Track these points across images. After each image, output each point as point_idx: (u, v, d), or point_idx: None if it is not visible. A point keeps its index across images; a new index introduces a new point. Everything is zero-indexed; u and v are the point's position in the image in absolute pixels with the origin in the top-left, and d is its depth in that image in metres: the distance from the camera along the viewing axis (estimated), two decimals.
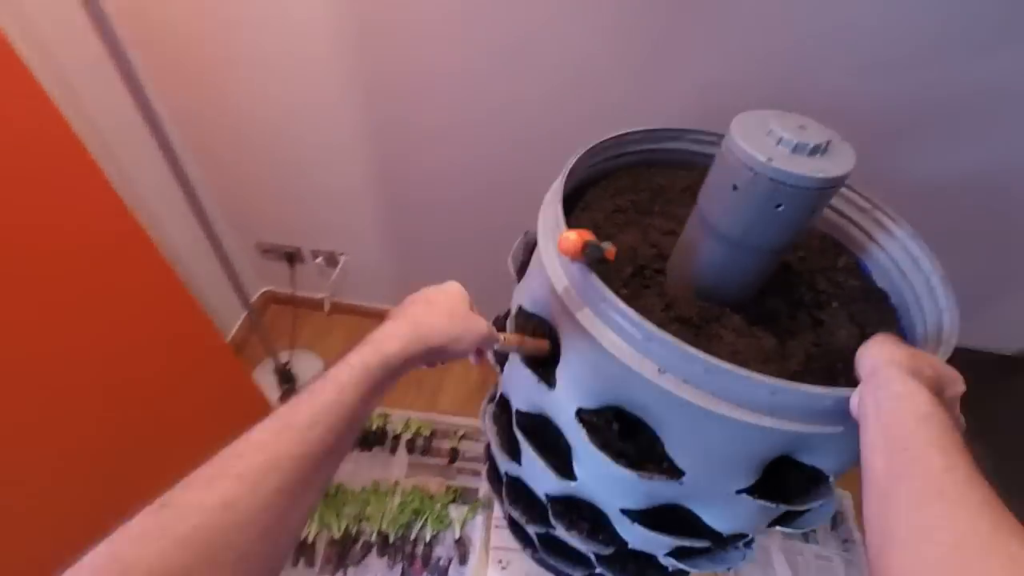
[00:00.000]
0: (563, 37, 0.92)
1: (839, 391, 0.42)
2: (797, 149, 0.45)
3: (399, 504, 1.31)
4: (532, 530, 0.84)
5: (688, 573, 0.84)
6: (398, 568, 1.22)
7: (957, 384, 0.41)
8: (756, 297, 0.59)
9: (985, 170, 0.96)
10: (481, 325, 0.46)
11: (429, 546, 1.26)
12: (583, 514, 0.71)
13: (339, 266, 1.57)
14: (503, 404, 0.77)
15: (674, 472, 0.52)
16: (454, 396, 1.61)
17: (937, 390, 0.38)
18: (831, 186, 0.45)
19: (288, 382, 1.52)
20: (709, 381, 0.45)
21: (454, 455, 1.46)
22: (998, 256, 1.14)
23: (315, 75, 1.06)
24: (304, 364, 1.60)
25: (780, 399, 0.43)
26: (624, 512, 0.61)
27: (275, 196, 1.39)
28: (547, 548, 0.88)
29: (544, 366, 0.59)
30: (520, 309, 0.64)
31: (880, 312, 0.62)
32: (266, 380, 1.52)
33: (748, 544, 0.70)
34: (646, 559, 0.77)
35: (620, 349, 0.48)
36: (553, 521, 0.71)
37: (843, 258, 0.68)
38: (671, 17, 0.85)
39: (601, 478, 0.60)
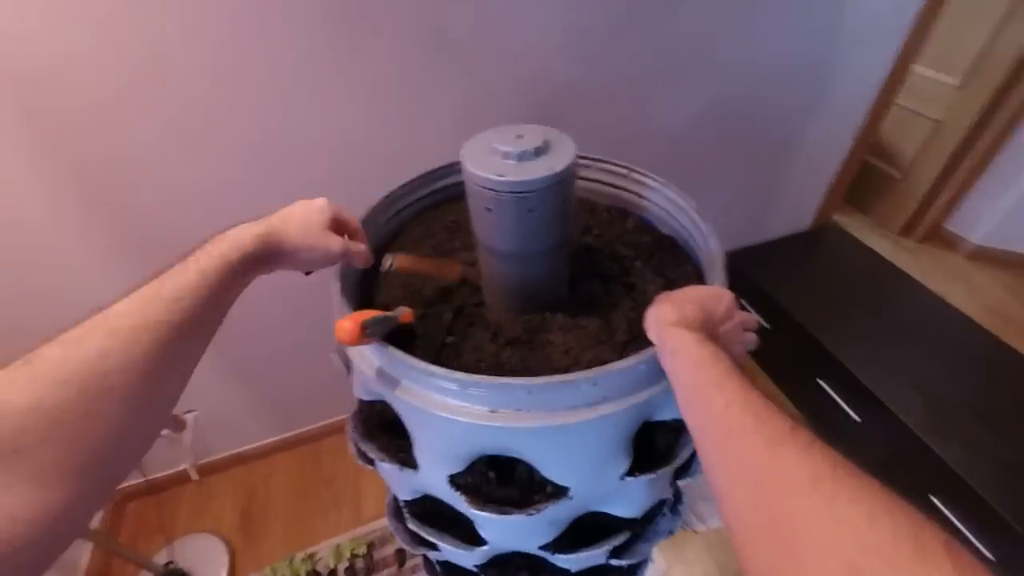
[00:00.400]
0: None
1: (645, 354, 0.44)
2: (521, 157, 0.48)
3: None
4: None
5: (645, 560, 0.84)
6: None
7: (727, 310, 0.44)
8: (571, 288, 0.61)
9: (703, 108, 1.14)
10: (333, 242, 0.46)
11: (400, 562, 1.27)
12: (518, 566, 0.67)
13: (188, 426, 1.35)
14: (395, 501, 0.70)
15: (559, 492, 0.50)
16: (377, 498, 1.48)
17: (710, 327, 0.41)
18: (561, 180, 0.48)
19: None
20: (538, 400, 0.44)
21: (402, 558, 1.33)
22: (750, 170, 1.37)
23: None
24: (193, 552, 1.35)
25: (604, 386, 0.44)
26: (544, 548, 0.59)
27: None
28: None
29: (400, 452, 0.54)
30: (360, 402, 0.59)
31: (675, 257, 0.68)
32: None
33: (673, 508, 0.72)
34: (601, 570, 0.75)
35: (448, 407, 0.46)
36: None
37: (630, 220, 0.73)
38: (424, 69, 0.88)
39: (506, 531, 0.57)
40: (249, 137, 0.93)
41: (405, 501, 0.63)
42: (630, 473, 0.52)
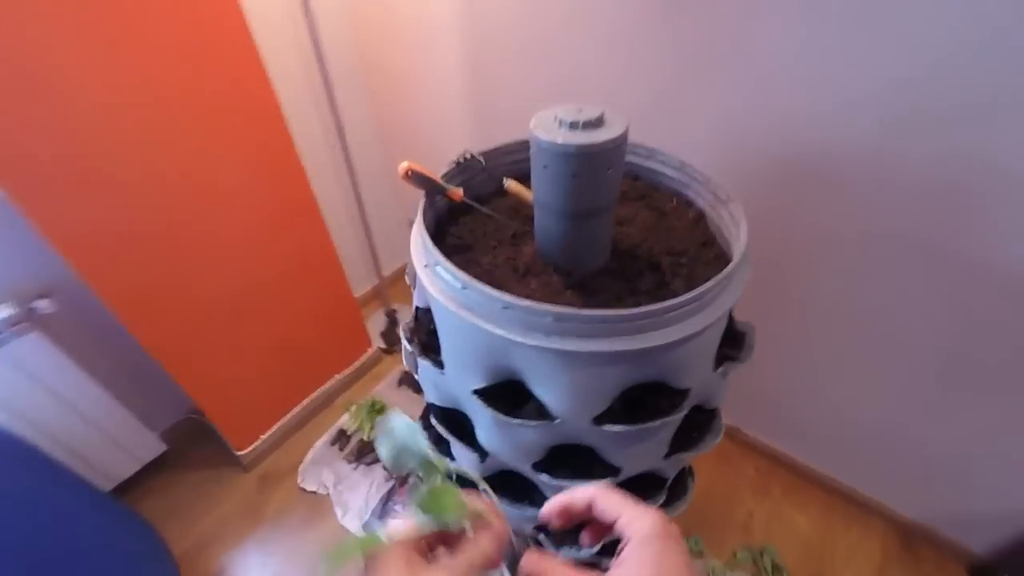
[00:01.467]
0: None
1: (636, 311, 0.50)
2: (573, 126, 0.56)
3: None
4: None
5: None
6: (390, 484, 1.47)
7: None
8: (598, 272, 0.68)
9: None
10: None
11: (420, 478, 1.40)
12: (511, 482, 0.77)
13: None
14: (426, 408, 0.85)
15: (546, 415, 0.59)
16: None
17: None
18: (604, 149, 0.55)
19: (392, 323, 1.90)
20: (515, 317, 0.53)
21: None
22: None
23: None
24: (409, 316, 1.86)
25: (571, 323, 0.51)
26: (534, 467, 0.68)
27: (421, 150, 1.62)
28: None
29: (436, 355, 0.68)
30: (416, 310, 0.74)
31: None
32: (381, 318, 1.92)
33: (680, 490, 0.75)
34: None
35: (454, 301, 0.57)
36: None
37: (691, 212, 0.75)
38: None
39: (504, 440, 0.67)
40: None
41: (433, 405, 0.77)
42: (604, 420, 0.58)
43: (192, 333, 1.21)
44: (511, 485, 0.76)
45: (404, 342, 0.71)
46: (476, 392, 0.62)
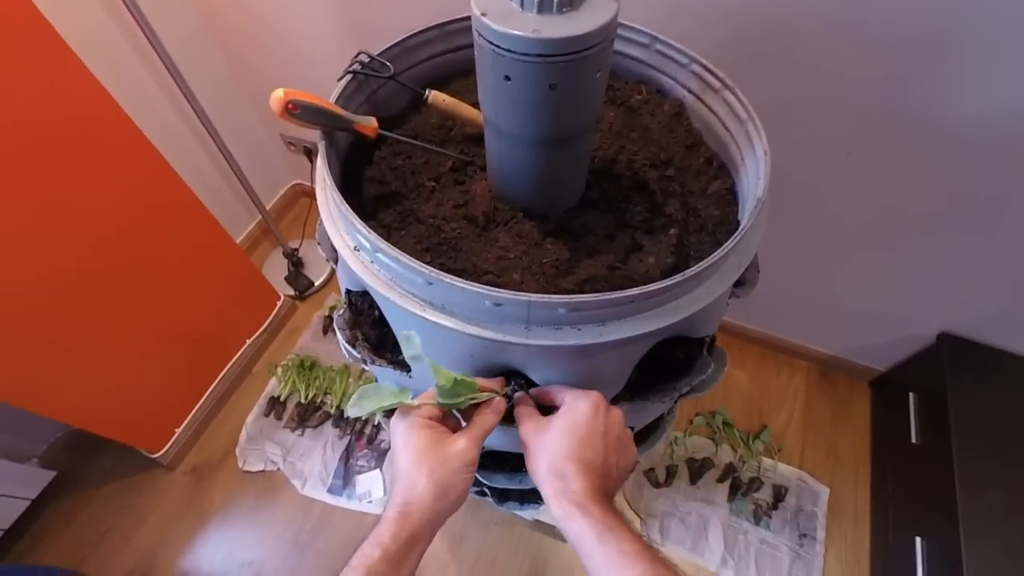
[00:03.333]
0: None
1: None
2: (543, 7, 0.36)
3: (359, 388, 1.42)
4: None
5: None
6: (345, 440, 1.36)
7: (618, 440, 0.41)
8: (577, 208, 0.52)
9: None
10: (465, 485, 0.39)
11: (376, 428, 1.37)
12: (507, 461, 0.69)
13: None
14: None
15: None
16: None
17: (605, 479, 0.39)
18: (595, 43, 0.36)
19: (296, 265, 1.63)
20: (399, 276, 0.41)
21: None
22: None
23: None
24: (313, 252, 1.65)
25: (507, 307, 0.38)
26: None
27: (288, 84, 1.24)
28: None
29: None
30: (347, 292, 0.55)
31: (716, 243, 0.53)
32: (280, 262, 1.64)
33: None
34: None
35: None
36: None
37: (718, 183, 0.56)
38: None
39: (503, 440, 0.56)
40: None
41: None
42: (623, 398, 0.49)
43: (34, 350, 0.90)
44: (507, 463, 0.68)
45: (343, 343, 0.53)
46: None
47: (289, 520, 1.26)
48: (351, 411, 0.40)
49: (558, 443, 0.39)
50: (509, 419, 0.46)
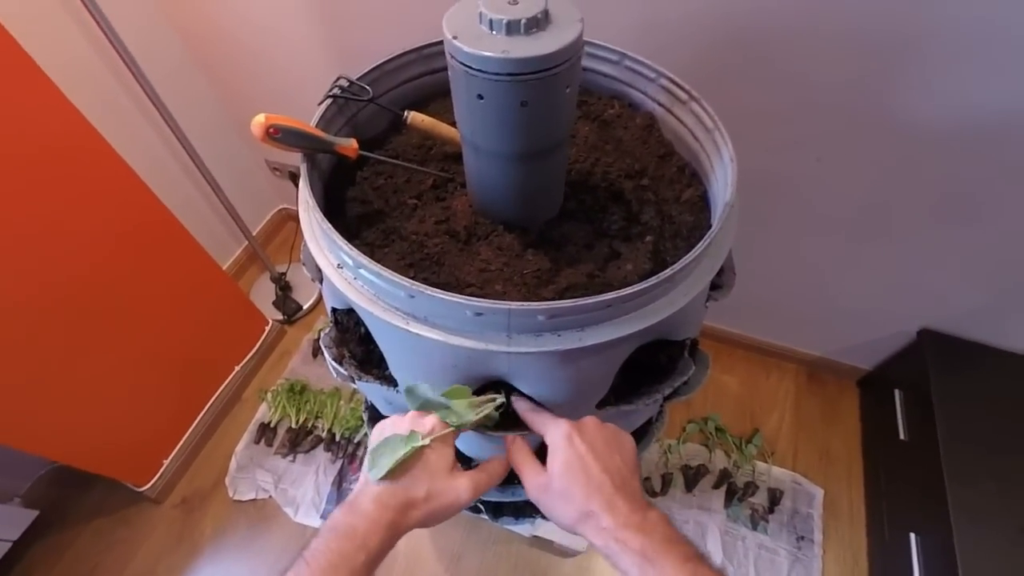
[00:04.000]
0: None
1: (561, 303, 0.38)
2: (512, 28, 0.37)
3: (351, 410, 1.42)
4: None
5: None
6: (338, 464, 1.35)
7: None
8: (557, 219, 0.54)
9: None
10: (461, 489, 0.41)
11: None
12: None
13: None
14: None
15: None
16: None
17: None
18: (563, 60, 0.38)
19: (284, 290, 1.62)
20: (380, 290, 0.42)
21: None
22: None
23: None
24: (301, 275, 1.65)
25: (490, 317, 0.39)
26: None
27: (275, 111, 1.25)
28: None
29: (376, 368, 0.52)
30: (333, 311, 0.55)
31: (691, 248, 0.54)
32: (267, 287, 1.64)
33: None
34: None
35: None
36: None
37: (691, 190, 0.58)
38: None
39: (493, 449, 0.56)
40: None
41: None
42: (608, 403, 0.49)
43: (15, 384, 0.89)
44: None
45: (330, 362, 0.54)
46: None
47: (283, 549, 1.23)
48: (373, 475, 0.39)
49: (568, 489, 0.39)
50: (500, 426, 0.47)
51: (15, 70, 0.76)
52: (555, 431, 0.42)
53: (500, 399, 0.45)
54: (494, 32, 0.38)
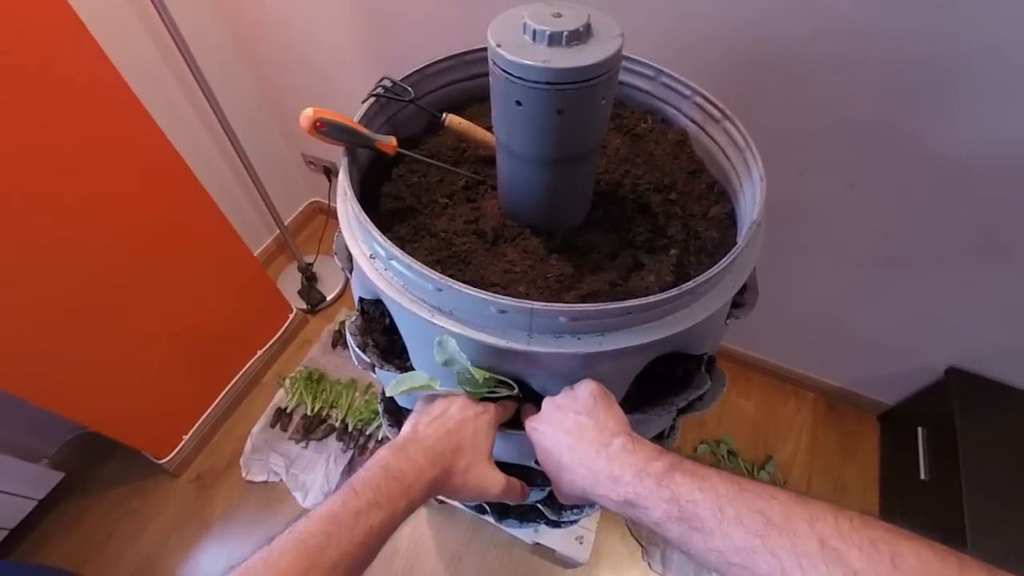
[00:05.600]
0: None
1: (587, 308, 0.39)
2: (554, 40, 0.39)
3: (365, 402, 1.46)
4: None
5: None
6: (349, 454, 1.37)
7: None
8: (582, 226, 0.55)
9: None
10: (493, 483, 0.44)
11: (380, 442, 1.39)
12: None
13: None
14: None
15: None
16: None
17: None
18: (600, 73, 0.39)
19: (310, 280, 1.66)
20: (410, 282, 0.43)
21: None
22: None
23: None
24: (327, 267, 1.71)
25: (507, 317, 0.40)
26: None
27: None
28: None
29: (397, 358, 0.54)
30: (360, 300, 0.57)
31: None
32: (294, 276, 1.68)
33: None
34: None
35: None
36: None
37: (718, 207, 0.58)
38: None
39: (507, 448, 0.57)
40: None
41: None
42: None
43: (54, 349, 0.93)
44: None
45: (353, 348, 0.55)
46: None
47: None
48: (389, 391, 0.44)
49: (583, 424, 0.40)
50: (511, 424, 0.48)
51: (89, 62, 0.82)
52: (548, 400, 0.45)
53: (515, 389, 0.46)
54: (536, 42, 0.40)
